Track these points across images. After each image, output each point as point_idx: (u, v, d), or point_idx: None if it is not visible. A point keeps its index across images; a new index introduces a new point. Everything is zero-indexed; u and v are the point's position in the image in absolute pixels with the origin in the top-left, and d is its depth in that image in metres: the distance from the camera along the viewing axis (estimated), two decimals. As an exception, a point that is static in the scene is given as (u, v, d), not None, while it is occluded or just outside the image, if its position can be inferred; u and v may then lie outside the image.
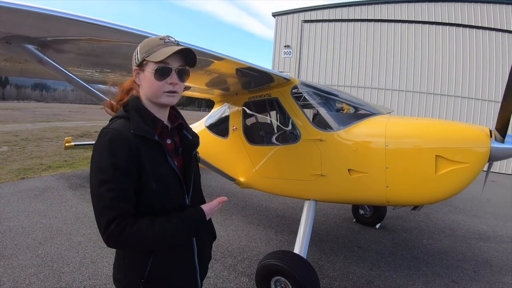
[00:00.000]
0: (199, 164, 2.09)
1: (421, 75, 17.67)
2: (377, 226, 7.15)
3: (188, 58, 1.78)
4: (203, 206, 1.81)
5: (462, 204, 9.58)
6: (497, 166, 16.31)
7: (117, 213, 1.53)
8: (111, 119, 1.77)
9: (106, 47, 2.87)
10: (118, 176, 1.56)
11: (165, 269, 1.76)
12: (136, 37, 2.56)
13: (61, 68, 2.76)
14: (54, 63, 2.70)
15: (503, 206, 9.81)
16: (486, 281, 5.05)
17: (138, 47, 1.78)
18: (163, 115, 1.83)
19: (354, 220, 7.50)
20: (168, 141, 1.84)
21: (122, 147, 1.59)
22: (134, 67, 1.79)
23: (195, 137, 2.01)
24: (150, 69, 1.69)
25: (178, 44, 1.75)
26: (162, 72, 1.68)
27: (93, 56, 3.08)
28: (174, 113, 1.95)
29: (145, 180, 1.63)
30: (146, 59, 1.71)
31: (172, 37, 1.78)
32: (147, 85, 1.74)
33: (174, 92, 1.74)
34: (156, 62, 1.68)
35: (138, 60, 1.75)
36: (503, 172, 16.31)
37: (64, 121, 33.59)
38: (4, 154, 13.30)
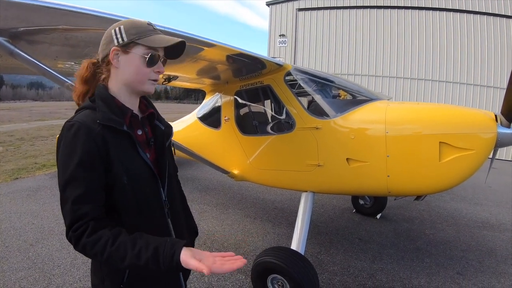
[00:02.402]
0: (190, 157, 1.94)
1: (419, 61, 17.53)
2: (378, 216, 7.03)
3: (173, 49, 1.70)
4: (184, 252, 1.36)
5: (464, 192, 9.48)
6: (497, 152, 16.16)
7: (78, 216, 1.40)
8: (76, 111, 1.62)
9: (81, 36, 2.66)
10: (82, 173, 1.43)
11: (143, 274, 1.67)
12: (110, 22, 2.38)
13: (34, 61, 2.54)
14: (26, 56, 2.49)
15: (505, 193, 9.70)
16: (492, 272, 4.94)
17: (122, 26, 1.60)
18: (133, 104, 1.71)
19: (354, 210, 7.38)
20: (139, 132, 1.71)
21: (86, 140, 1.45)
22: (114, 47, 1.58)
23: (168, 127, 1.89)
24: (140, 53, 1.58)
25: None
26: (153, 60, 1.59)
27: (68, 46, 2.87)
28: (144, 102, 1.83)
29: (116, 173, 1.51)
30: (137, 41, 1.57)
31: (153, 24, 1.69)
32: (131, 69, 1.60)
33: (156, 80, 1.67)
34: (149, 48, 1.59)
35: (123, 39, 1.57)
36: (503, 158, 16.22)
37: (59, 119, 33.42)
38: (-2, 154, 13.14)
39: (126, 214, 1.57)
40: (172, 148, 2.04)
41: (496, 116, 3.42)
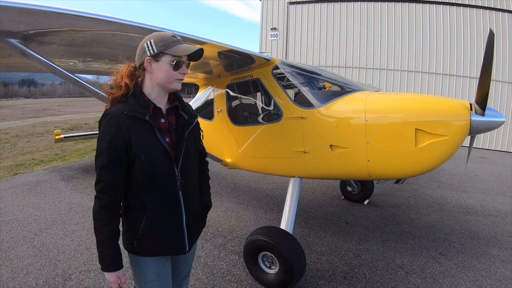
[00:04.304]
0: None
1: (409, 53, 17.79)
2: (365, 202, 7.30)
3: (194, 54, 2.11)
4: (120, 273, 2.11)
5: (451, 180, 9.76)
6: (487, 142, 16.61)
7: (100, 177, 2.00)
8: (113, 103, 2.13)
9: (87, 36, 2.95)
10: (106, 149, 1.96)
11: (154, 229, 2.13)
12: (115, 25, 2.69)
13: (44, 60, 2.86)
14: (37, 55, 2.81)
15: (492, 181, 9.94)
16: (473, 253, 5.18)
17: (152, 40, 2.04)
18: (161, 100, 2.18)
19: (343, 197, 7.64)
20: (162, 120, 2.16)
21: (112, 126, 1.97)
22: (147, 57, 2.05)
23: (192, 117, 2.32)
24: (167, 60, 2.03)
25: (188, 43, 2.13)
26: (178, 65, 2.05)
27: (74, 46, 3.17)
28: (173, 96, 2.27)
29: (136, 152, 1.99)
30: (165, 51, 2.02)
31: (176, 34, 2.14)
32: (161, 74, 2.06)
33: (182, 79, 2.13)
34: (174, 56, 2.03)
35: (153, 51, 2.03)
36: (493, 148, 16.55)
37: (53, 115, 33.32)
38: (-5, 152, 13.23)
39: (144, 184, 2.07)
40: (201, 133, 2.53)
41: (471, 105, 3.62)
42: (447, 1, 16.67)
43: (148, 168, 2.04)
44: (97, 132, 2.06)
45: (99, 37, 3.01)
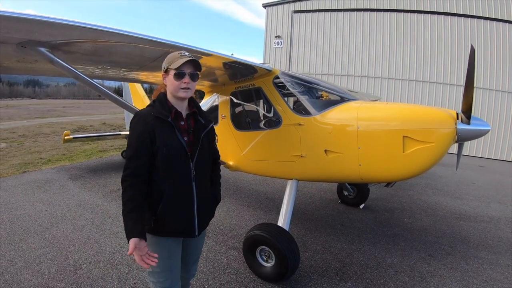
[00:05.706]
0: None
1: (412, 62, 18.08)
2: (361, 206, 7.53)
3: (197, 65, 2.54)
4: (136, 240, 2.34)
5: (447, 187, 9.91)
6: (486, 151, 16.80)
7: (128, 164, 2.41)
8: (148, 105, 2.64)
9: (106, 47, 3.31)
10: (135, 142, 2.42)
11: (169, 212, 2.51)
12: (131, 38, 3.09)
13: (69, 67, 3.24)
14: (63, 63, 3.18)
15: (488, 189, 10.06)
16: (462, 256, 5.38)
17: (165, 59, 2.56)
18: (181, 105, 2.61)
19: (339, 201, 7.87)
20: (182, 123, 2.59)
21: (141, 124, 2.44)
22: (162, 73, 2.59)
23: (208, 121, 2.76)
24: (172, 73, 2.48)
25: (189, 56, 2.49)
26: (178, 75, 2.46)
27: (95, 55, 3.56)
28: (191, 104, 2.71)
29: (158, 146, 2.41)
30: (169, 67, 2.50)
31: (186, 52, 2.56)
32: (169, 84, 2.53)
33: (187, 88, 2.49)
34: (175, 69, 2.45)
35: (164, 68, 2.55)
36: (492, 157, 16.70)
37: (58, 116, 33.53)
38: (3, 150, 13.54)
39: (164, 173, 2.46)
40: (216, 137, 2.97)
41: (457, 114, 3.87)
42: (449, 11, 16.96)
43: (167, 159, 2.43)
44: (105, 134, 2.56)
45: (117, 48, 3.36)
